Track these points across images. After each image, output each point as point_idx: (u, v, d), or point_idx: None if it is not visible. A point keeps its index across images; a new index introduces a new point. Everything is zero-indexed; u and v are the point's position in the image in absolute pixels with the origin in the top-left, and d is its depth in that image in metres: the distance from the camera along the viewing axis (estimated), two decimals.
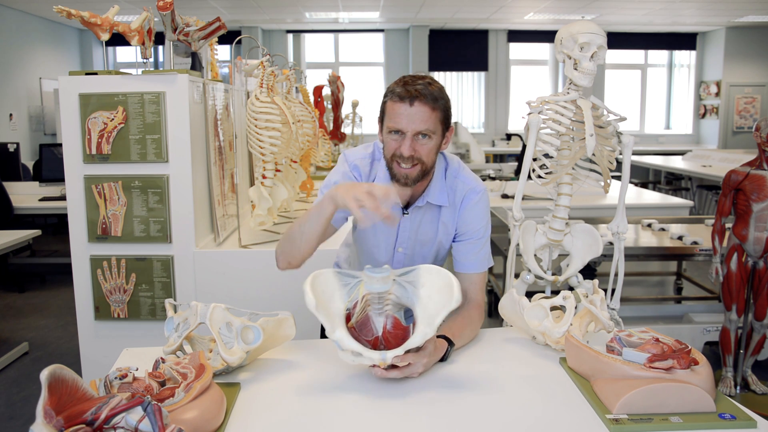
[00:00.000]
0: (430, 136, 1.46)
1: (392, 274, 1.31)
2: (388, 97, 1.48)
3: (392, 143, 1.48)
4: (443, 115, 1.48)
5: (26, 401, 3.06)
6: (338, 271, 1.34)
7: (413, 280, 1.31)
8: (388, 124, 1.48)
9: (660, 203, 4.30)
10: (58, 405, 0.86)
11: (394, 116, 1.45)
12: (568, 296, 1.51)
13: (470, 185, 1.65)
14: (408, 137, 1.45)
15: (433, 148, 1.49)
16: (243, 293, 2.47)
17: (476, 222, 1.65)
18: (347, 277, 1.34)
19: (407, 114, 1.43)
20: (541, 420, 1.15)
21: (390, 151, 1.49)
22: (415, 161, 1.47)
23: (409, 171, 1.48)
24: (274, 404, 1.22)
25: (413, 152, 1.46)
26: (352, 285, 1.33)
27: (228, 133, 2.88)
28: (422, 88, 1.43)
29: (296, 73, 3.70)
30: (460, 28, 9.89)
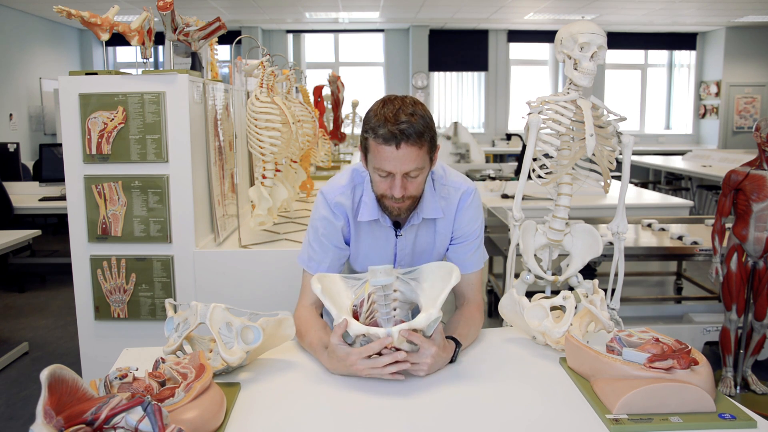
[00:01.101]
0: (420, 173, 1.43)
1: (396, 271, 1.34)
2: (371, 135, 1.39)
3: (381, 184, 1.44)
4: (430, 145, 1.42)
5: (26, 401, 3.06)
6: (344, 276, 1.38)
7: (416, 276, 1.36)
8: (374, 165, 1.42)
9: (660, 203, 4.30)
10: (58, 405, 0.86)
11: (381, 160, 1.39)
12: (568, 296, 1.51)
13: (461, 188, 1.61)
14: (398, 178, 1.40)
15: (423, 181, 1.47)
16: (243, 293, 2.47)
17: (472, 223, 1.64)
18: (352, 280, 1.39)
19: (394, 157, 1.37)
20: (541, 420, 1.15)
21: (380, 190, 1.46)
22: (407, 198, 1.45)
23: (401, 206, 1.46)
24: (274, 404, 1.22)
25: (404, 192, 1.43)
26: (358, 286, 1.37)
27: (228, 133, 2.88)
28: (407, 127, 1.34)
29: (296, 73, 3.70)
30: (460, 28, 9.89)
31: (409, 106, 1.38)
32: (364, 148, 1.45)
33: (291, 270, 2.34)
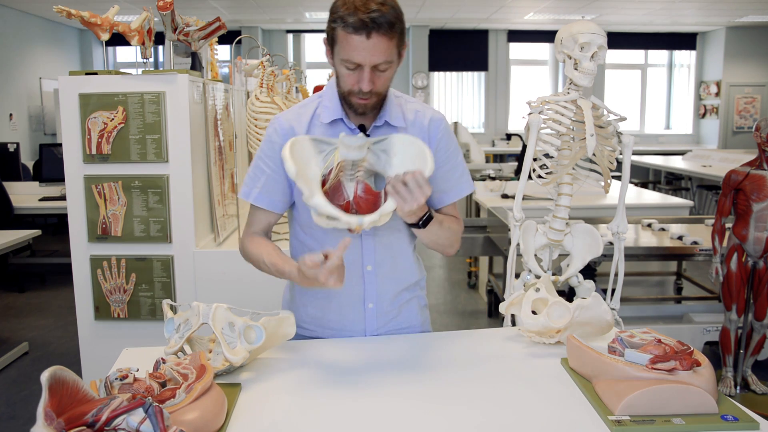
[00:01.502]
0: (389, 67, 1.37)
1: (367, 142, 1.30)
2: (339, 25, 1.32)
3: (348, 78, 1.38)
4: (400, 38, 1.36)
5: (26, 401, 3.06)
6: (314, 138, 1.31)
7: (386, 148, 1.30)
8: (342, 56, 1.35)
9: (660, 203, 4.30)
10: (58, 407, 0.86)
11: (350, 50, 1.32)
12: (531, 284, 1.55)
13: (428, 113, 1.54)
14: (366, 71, 1.34)
15: (390, 77, 1.41)
16: (243, 293, 2.47)
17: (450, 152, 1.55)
18: (323, 144, 1.32)
19: (364, 48, 1.31)
20: (542, 421, 1.14)
21: (346, 85, 1.39)
22: (373, 94, 1.39)
23: (366, 102, 1.40)
24: (275, 404, 1.22)
25: (372, 86, 1.36)
26: (328, 152, 1.32)
27: (228, 133, 2.88)
28: (378, 16, 1.29)
29: (296, 73, 3.70)
30: (460, 28, 9.88)
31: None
32: (330, 39, 1.38)
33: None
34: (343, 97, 1.44)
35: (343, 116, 1.47)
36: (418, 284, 1.65)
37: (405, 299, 1.61)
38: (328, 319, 1.58)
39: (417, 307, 1.66)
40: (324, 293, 1.56)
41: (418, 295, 1.66)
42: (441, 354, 1.46)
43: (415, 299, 1.65)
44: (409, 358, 1.44)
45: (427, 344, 1.53)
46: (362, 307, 1.56)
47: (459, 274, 5.37)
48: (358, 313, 1.56)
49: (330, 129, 1.47)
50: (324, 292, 1.56)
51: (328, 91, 1.50)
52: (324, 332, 1.59)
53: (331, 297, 1.56)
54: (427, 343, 1.53)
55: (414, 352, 1.48)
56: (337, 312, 1.57)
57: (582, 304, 1.45)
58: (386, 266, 1.55)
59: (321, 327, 1.59)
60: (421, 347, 1.51)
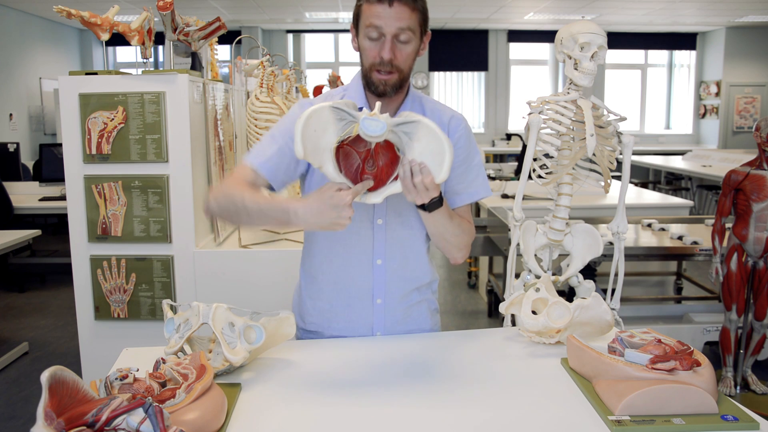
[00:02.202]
0: (410, 39, 1.40)
1: (389, 125, 1.24)
2: (363, 1, 1.40)
3: (371, 50, 1.41)
4: (422, 17, 1.42)
5: (26, 401, 3.06)
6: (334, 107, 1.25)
7: (410, 131, 1.26)
8: (365, 24, 1.40)
9: (660, 203, 4.30)
10: (58, 407, 0.85)
11: (372, 17, 1.38)
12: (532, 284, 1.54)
13: (448, 111, 1.56)
14: (388, 40, 1.38)
15: (411, 53, 1.43)
16: (243, 293, 2.47)
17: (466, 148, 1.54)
18: (344, 113, 1.26)
19: (387, 14, 1.36)
20: (542, 421, 1.14)
21: (369, 58, 1.42)
22: (393, 68, 1.41)
23: (387, 78, 1.42)
24: (276, 404, 1.22)
25: (392, 56, 1.39)
26: (348, 121, 1.27)
27: (228, 133, 2.88)
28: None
29: (296, 73, 3.70)
30: (460, 28, 9.88)
31: None
32: (355, 17, 1.44)
33: (291, 270, 2.33)
34: (365, 76, 1.46)
35: (366, 105, 1.48)
36: (429, 287, 1.63)
37: (415, 300, 1.59)
38: (336, 312, 1.57)
39: (427, 311, 1.63)
40: (333, 287, 1.55)
41: (428, 298, 1.64)
42: (441, 354, 1.46)
43: (426, 302, 1.63)
44: (409, 358, 1.44)
45: (427, 344, 1.53)
46: (371, 302, 1.55)
47: (459, 274, 5.37)
48: (367, 308, 1.55)
49: None
50: (333, 286, 1.55)
51: (354, 83, 1.53)
52: (331, 329, 1.58)
53: (340, 290, 1.55)
54: (427, 343, 1.53)
55: (414, 352, 1.48)
56: (346, 305, 1.56)
57: (582, 304, 1.45)
58: (396, 261, 1.54)
59: (328, 321, 1.58)
60: (421, 347, 1.51)
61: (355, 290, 1.55)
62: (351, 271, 1.54)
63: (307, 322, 1.62)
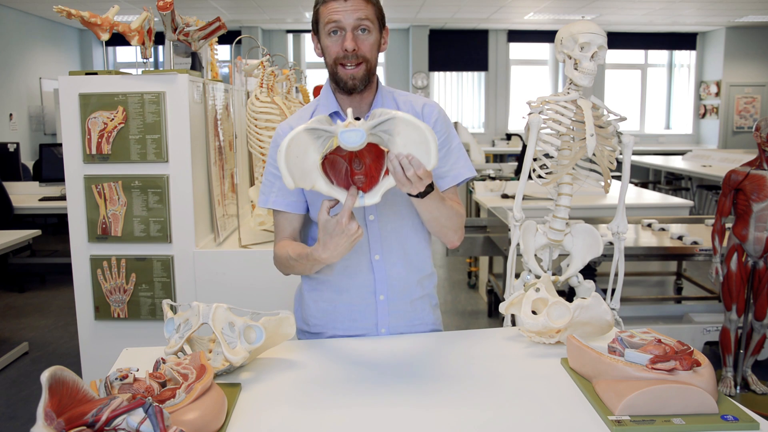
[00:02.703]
0: (370, 29, 1.43)
1: (367, 128, 1.24)
2: (320, 3, 1.45)
3: (333, 46, 1.44)
4: (377, 10, 1.45)
5: (26, 401, 3.06)
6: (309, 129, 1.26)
7: (388, 128, 1.25)
8: (324, 22, 1.44)
9: (660, 203, 4.30)
10: (58, 407, 0.86)
11: (330, 13, 1.42)
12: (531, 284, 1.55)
13: (420, 99, 1.57)
14: (349, 31, 1.42)
15: (374, 44, 1.46)
16: (243, 293, 2.47)
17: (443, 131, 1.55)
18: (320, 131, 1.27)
19: (343, 8, 1.41)
20: (542, 421, 1.14)
21: (332, 54, 1.45)
22: (359, 59, 1.43)
23: (354, 71, 1.43)
24: (276, 404, 1.22)
25: (356, 46, 1.42)
26: (325, 137, 1.27)
27: (228, 133, 2.88)
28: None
29: (296, 73, 3.70)
30: (460, 28, 9.88)
31: None
32: (314, 23, 1.48)
33: None
34: (332, 75, 1.48)
35: (339, 109, 1.51)
36: (430, 280, 1.64)
37: (417, 295, 1.60)
38: (340, 313, 1.57)
39: (429, 306, 1.65)
40: (334, 287, 1.56)
41: (430, 293, 1.65)
42: (441, 354, 1.46)
43: (427, 297, 1.64)
44: (409, 357, 1.44)
45: (427, 344, 1.53)
46: (373, 299, 1.55)
47: (459, 274, 5.37)
48: (370, 306, 1.56)
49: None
50: (334, 287, 1.57)
51: (324, 91, 1.55)
52: (335, 330, 1.59)
53: (342, 291, 1.56)
54: (427, 343, 1.53)
55: (414, 351, 1.48)
56: (348, 305, 1.56)
57: (582, 304, 1.45)
58: (394, 255, 1.54)
59: (332, 322, 1.59)
60: (421, 347, 1.51)
61: (356, 290, 1.55)
62: (350, 271, 1.54)
63: (311, 325, 1.62)
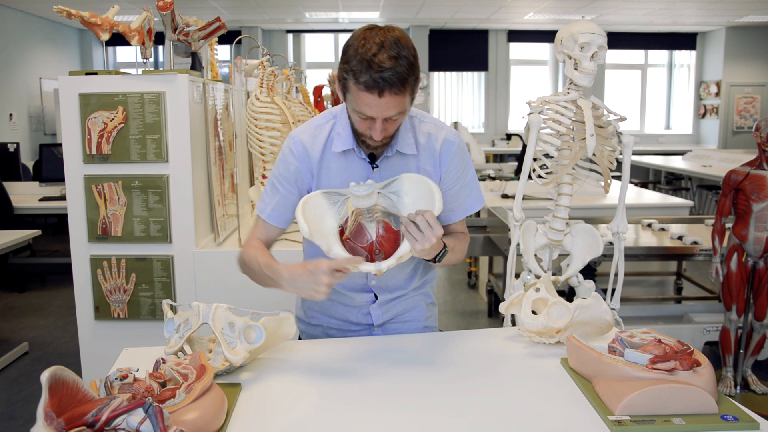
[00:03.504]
0: (401, 115, 1.37)
1: (376, 187, 1.33)
2: (351, 79, 1.29)
3: (361, 124, 1.37)
4: (413, 87, 1.33)
5: (26, 401, 3.06)
6: (325, 192, 1.34)
7: (396, 189, 1.32)
8: (354, 107, 1.34)
9: (660, 203, 4.29)
10: (58, 407, 0.86)
11: (362, 105, 1.31)
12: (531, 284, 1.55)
13: (442, 130, 1.53)
14: (378, 122, 1.33)
15: (402, 120, 1.42)
16: (243, 293, 2.47)
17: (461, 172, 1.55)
18: (335, 196, 1.36)
19: (377, 105, 1.29)
20: (542, 421, 1.14)
21: (359, 129, 1.40)
22: (385, 140, 1.41)
23: (377, 145, 1.42)
24: (276, 404, 1.22)
25: (384, 134, 1.37)
26: (341, 202, 1.36)
27: (228, 133, 2.88)
28: (390, 75, 1.25)
29: (296, 73, 3.70)
30: (460, 28, 9.88)
31: (393, 46, 1.26)
32: (343, 87, 1.35)
33: None
34: (356, 135, 1.45)
35: (355, 147, 1.47)
36: (424, 283, 1.69)
37: (409, 296, 1.65)
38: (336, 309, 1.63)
39: (423, 303, 1.69)
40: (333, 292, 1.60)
41: (424, 292, 1.69)
42: (441, 354, 1.46)
43: (421, 295, 1.68)
44: (409, 357, 1.44)
45: (427, 344, 1.53)
46: (367, 308, 1.62)
47: (459, 274, 5.37)
48: (363, 310, 1.62)
49: (342, 156, 1.49)
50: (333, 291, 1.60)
51: (342, 117, 1.48)
52: (330, 321, 1.65)
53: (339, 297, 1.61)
54: (427, 343, 1.54)
55: (414, 351, 1.48)
56: (344, 310, 1.63)
57: (582, 304, 1.45)
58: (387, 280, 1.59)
59: (329, 314, 1.65)
60: (421, 347, 1.51)
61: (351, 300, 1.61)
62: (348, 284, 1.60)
63: (309, 316, 1.68)
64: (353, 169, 1.49)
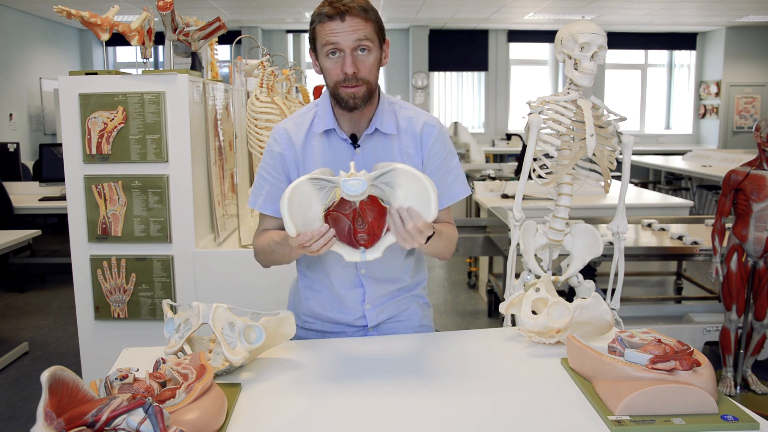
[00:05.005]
0: (369, 49, 1.40)
1: (368, 179, 1.27)
2: (316, 21, 1.42)
3: (333, 68, 1.42)
4: (377, 26, 1.42)
5: (26, 401, 3.06)
6: (313, 177, 1.30)
7: (390, 180, 1.28)
8: (322, 43, 1.41)
9: (660, 203, 4.29)
10: (58, 407, 0.85)
11: (328, 34, 1.39)
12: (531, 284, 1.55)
13: (422, 117, 1.56)
14: (347, 54, 1.39)
15: (374, 64, 1.44)
16: (243, 293, 2.47)
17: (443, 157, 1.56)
18: (323, 181, 1.30)
19: (341, 29, 1.38)
20: (542, 421, 1.14)
21: (333, 77, 1.43)
22: (360, 81, 1.42)
23: (354, 90, 1.42)
24: (276, 404, 1.22)
25: (355, 69, 1.40)
26: (329, 188, 1.31)
27: (228, 133, 2.88)
28: (349, 1, 1.38)
29: (296, 73, 3.70)
30: (460, 28, 9.88)
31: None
32: (311, 40, 1.45)
33: (291, 270, 2.33)
34: (333, 95, 1.46)
35: (335, 126, 1.51)
36: (416, 285, 1.68)
37: (401, 296, 1.65)
38: (329, 310, 1.63)
39: (416, 304, 1.69)
40: (326, 292, 1.61)
41: (416, 293, 1.69)
42: (441, 354, 1.46)
43: (413, 297, 1.68)
44: (409, 357, 1.44)
45: (427, 344, 1.53)
46: (361, 308, 1.61)
47: (459, 274, 5.37)
48: (357, 312, 1.61)
49: (324, 138, 1.52)
50: (326, 291, 1.61)
51: (323, 101, 1.54)
52: (325, 325, 1.64)
53: (332, 299, 1.61)
54: (427, 343, 1.54)
55: (414, 352, 1.48)
56: (338, 311, 1.62)
57: (582, 304, 1.45)
58: (377, 269, 1.58)
59: (321, 321, 1.65)
60: (421, 347, 1.51)
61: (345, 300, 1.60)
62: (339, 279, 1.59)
63: (303, 321, 1.67)
64: (336, 150, 1.52)
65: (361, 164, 1.50)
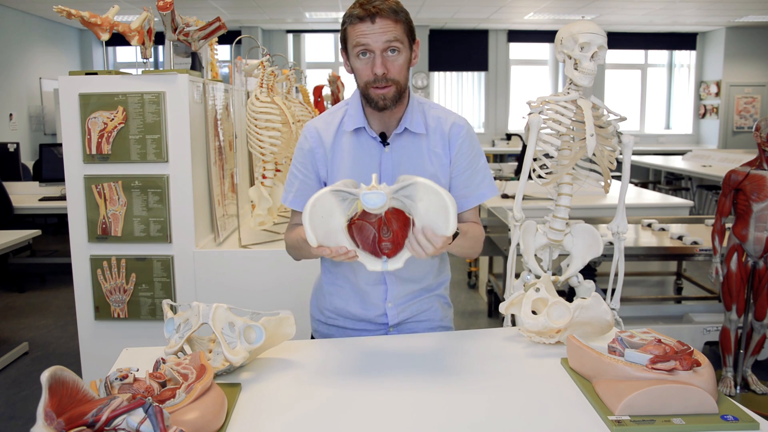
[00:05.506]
0: (399, 50, 1.43)
1: (388, 192, 1.27)
2: (347, 23, 1.44)
3: (363, 69, 1.45)
4: (407, 27, 1.45)
5: (26, 401, 3.06)
6: (335, 189, 1.31)
7: (410, 194, 1.29)
8: (353, 44, 1.44)
9: (660, 203, 4.29)
10: (58, 407, 0.85)
11: (358, 36, 1.42)
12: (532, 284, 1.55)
13: (450, 117, 1.58)
14: (378, 55, 1.42)
15: (404, 64, 1.46)
16: (243, 293, 2.47)
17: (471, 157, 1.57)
18: (345, 193, 1.31)
19: (371, 31, 1.40)
20: (542, 421, 1.14)
21: (363, 77, 1.46)
22: (389, 81, 1.44)
23: (384, 91, 1.44)
24: (276, 404, 1.22)
25: (385, 70, 1.42)
26: (351, 200, 1.32)
27: (228, 133, 2.88)
28: (380, 3, 1.40)
29: (296, 73, 3.70)
30: (460, 28, 9.88)
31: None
32: (343, 41, 1.48)
33: (291, 270, 2.33)
34: (364, 95, 1.49)
35: (365, 125, 1.53)
36: (440, 285, 1.70)
37: (424, 296, 1.66)
38: (351, 306, 1.64)
39: (438, 304, 1.70)
40: (349, 288, 1.63)
41: (439, 293, 1.70)
42: (441, 354, 1.46)
43: (435, 297, 1.69)
44: (409, 357, 1.44)
45: (427, 344, 1.53)
46: (383, 305, 1.62)
47: (459, 274, 5.37)
48: (379, 309, 1.62)
49: (354, 136, 1.54)
50: (349, 287, 1.63)
51: (354, 100, 1.56)
52: (346, 322, 1.65)
53: (355, 294, 1.62)
54: (427, 343, 1.54)
55: (414, 352, 1.48)
56: (360, 306, 1.63)
57: (582, 304, 1.45)
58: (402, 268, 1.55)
59: (342, 317, 1.66)
60: (421, 347, 1.51)
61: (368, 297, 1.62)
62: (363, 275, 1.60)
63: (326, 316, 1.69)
64: (365, 148, 1.54)
65: (389, 162, 1.53)
